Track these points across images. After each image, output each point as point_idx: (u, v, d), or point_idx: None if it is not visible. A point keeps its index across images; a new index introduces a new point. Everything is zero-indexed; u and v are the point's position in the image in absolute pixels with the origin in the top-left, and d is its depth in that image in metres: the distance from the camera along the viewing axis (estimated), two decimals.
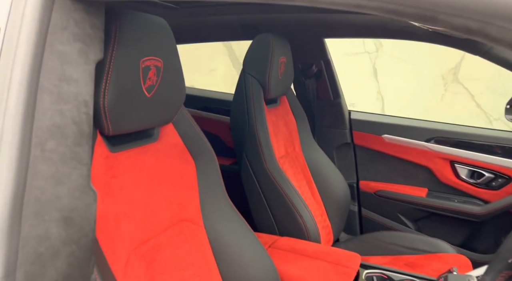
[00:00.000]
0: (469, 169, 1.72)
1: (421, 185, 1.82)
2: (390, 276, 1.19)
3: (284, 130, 1.64)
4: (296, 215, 1.36)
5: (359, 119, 1.91)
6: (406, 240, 1.61)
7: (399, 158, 1.84)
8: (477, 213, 1.67)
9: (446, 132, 1.74)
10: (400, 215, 1.85)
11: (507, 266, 0.70)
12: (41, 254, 0.45)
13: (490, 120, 2.99)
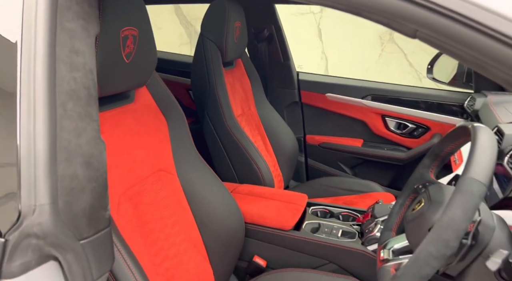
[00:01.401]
0: (396, 121, 2.02)
1: (357, 137, 2.11)
2: (331, 210, 1.45)
3: (240, 90, 1.81)
4: (254, 165, 1.57)
5: (306, 79, 2.12)
6: (344, 183, 1.89)
7: (340, 114, 2.09)
8: (401, 158, 1.99)
9: (379, 90, 2.01)
10: (340, 163, 2.14)
11: (414, 190, 0.95)
12: (72, 188, 0.60)
13: (420, 77, 3.33)
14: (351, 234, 1.27)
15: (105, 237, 0.64)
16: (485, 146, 0.65)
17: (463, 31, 0.43)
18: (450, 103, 1.92)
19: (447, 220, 0.61)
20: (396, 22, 0.50)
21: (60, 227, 0.56)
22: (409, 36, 0.50)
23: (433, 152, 0.92)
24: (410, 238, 0.79)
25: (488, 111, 1.55)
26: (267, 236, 1.29)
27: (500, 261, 0.63)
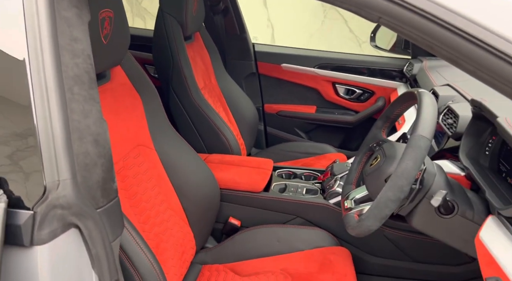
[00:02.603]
0: (345, 87, 2.20)
1: (311, 104, 2.26)
2: (294, 172, 1.61)
3: (201, 64, 1.86)
4: (221, 135, 1.67)
5: (262, 51, 2.21)
6: (301, 147, 2.05)
7: (295, 83, 2.23)
8: (350, 121, 2.19)
9: (329, 59, 2.16)
10: (296, 129, 2.30)
11: (369, 149, 1.12)
12: (87, 164, 0.67)
13: (359, 42, 3.51)
14: (314, 191, 1.44)
15: (116, 205, 0.72)
16: (429, 108, 0.81)
17: (416, 18, 0.55)
18: (391, 68, 2.12)
19: (401, 170, 0.77)
20: (363, 10, 0.62)
21: (81, 198, 0.64)
22: (373, 21, 0.61)
23: (384, 115, 1.07)
24: (369, 188, 0.95)
25: (424, 75, 1.76)
26: (241, 199, 1.42)
27: (441, 199, 0.81)
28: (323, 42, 3.48)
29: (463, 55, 0.52)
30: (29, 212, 0.60)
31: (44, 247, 0.61)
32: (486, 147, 1.01)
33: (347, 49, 2.26)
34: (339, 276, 1.16)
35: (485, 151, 1.01)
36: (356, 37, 3.53)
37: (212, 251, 1.36)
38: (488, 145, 1.01)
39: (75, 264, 0.67)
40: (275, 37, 3.64)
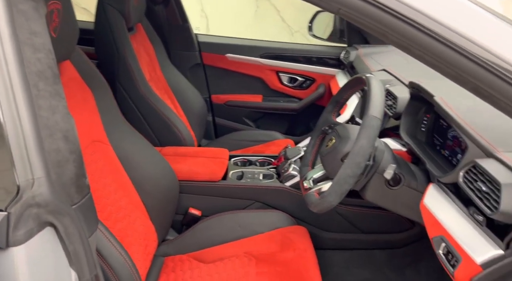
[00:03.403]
0: (288, 76, 2.28)
1: (257, 93, 2.32)
2: (249, 159, 1.66)
3: (145, 55, 1.82)
4: (173, 127, 1.66)
5: (206, 41, 2.21)
6: (250, 136, 2.11)
7: (240, 73, 2.27)
8: (295, 108, 2.28)
9: (273, 49, 2.23)
10: (244, 118, 2.34)
11: (322, 132, 1.20)
12: (59, 161, 0.65)
13: (292, 32, 3.59)
14: (270, 176, 1.50)
15: (90, 201, 0.72)
16: (377, 91, 0.90)
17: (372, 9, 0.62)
18: (329, 56, 2.25)
19: (358, 148, 0.85)
20: (323, 2, 0.67)
21: (57, 196, 0.63)
22: (334, 12, 0.67)
23: (334, 100, 1.16)
24: (327, 167, 1.03)
25: (360, 62, 1.89)
26: (200, 189, 1.44)
27: (393, 172, 0.91)
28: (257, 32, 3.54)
29: (412, 41, 0.59)
30: (2, 214, 0.58)
31: (20, 248, 0.60)
32: (421, 124, 1.14)
33: (280, 39, 2.34)
34: (300, 252, 1.24)
35: (421, 128, 1.14)
36: (288, 27, 3.61)
37: (174, 243, 1.37)
38: (423, 122, 1.13)
39: (53, 263, 0.66)
40: (210, 28, 3.62)
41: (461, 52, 0.56)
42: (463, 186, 0.79)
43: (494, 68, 0.56)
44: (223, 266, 1.22)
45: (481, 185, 0.73)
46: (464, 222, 0.80)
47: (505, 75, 0.55)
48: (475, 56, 0.56)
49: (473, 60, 0.56)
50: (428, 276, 1.45)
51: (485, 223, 0.75)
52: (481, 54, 0.56)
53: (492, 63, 0.56)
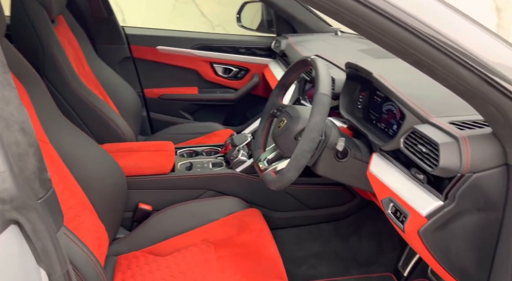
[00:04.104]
0: (223, 67, 2.30)
1: (193, 85, 2.31)
2: (195, 150, 1.65)
3: (70, 49, 1.70)
4: (111, 123, 1.59)
5: (134, 34, 2.13)
6: (189, 128, 2.09)
7: (173, 65, 2.23)
8: (232, 98, 2.31)
9: (205, 40, 2.22)
10: (181, 111, 2.31)
11: (270, 115, 1.24)
12: (20, 154, 0.61)
13: (213, 26, 3.59)
14: (219, 164, 1.52)
15: (54, 195, 0.68)
16: (324, 70, 0.96)
17: None
18: (260, 46, 2.31)
19: (312, 124, 0.91)
20: None
21: (22, 190, 0.59)
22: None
23: (280, 84, 1.21)
24: (281, 147, 1.08)
25: (292, 50, 1.98)
26: (149, 183, 1.40)
27: (344, 144, 0.99)
28: (177, 27, 3.48)
29: (363, 19, 0.66)
30: None
31: None
32: (358, 102, 1.24)
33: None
34: (257, 232, 1.28)
35: (357, 105, 1.24)
36: (209, 21, 3.61)
37: (125, 240, 1.32)
38: (359, 100, 1.24)
39: (19, 263, 0.61)
40: (126, 21, 3.47)
41: (407, 28, 0.64)
42: (404, 150, 0.89)
43: (434, 41, 0.64)
44: (181, 256, 1.22)
45: (421, 147, 0.84)
46: (408, 182, 0.90)
47: (443, 48, 0.64)
48: (419, 31, 0.64)
49: (416, 35, 0.64)
50: (368, 241, 1.60)
51: (426, 181, 0.86)
52: (423, 29, 0.64)
53: (433, 37, 0.64)
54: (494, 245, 0.81)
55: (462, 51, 0.65)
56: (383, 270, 1.55)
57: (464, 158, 0.75)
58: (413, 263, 1.50)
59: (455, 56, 0.64)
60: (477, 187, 0.77)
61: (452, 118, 0.84)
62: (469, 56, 0.65)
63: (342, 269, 1.53)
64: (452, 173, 0.77)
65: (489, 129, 0.77)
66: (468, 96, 0.71)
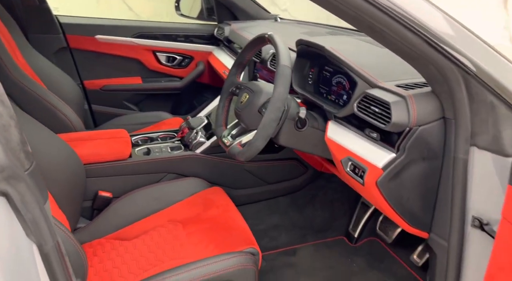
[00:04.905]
0: (166, 55, 2.29)
1: (136, 75, 2.26)
2: (150, 137, 1.64)
3: (3, 39, 1.58)
4: (58, 113, 1.52)
5: (70, 22, 2.03)
6: (136, 119, 2.06)
7: (114, 55, 2.16)
8: (178, 86, 2.31)
9: (146, 28, 2.19)
10: (125, 102, 2.26)
11: (230, 93, 1.28)
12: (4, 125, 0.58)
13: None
14: (177, 147, 1.53)
15: (37, 168, 0.67)
16: (282, 44, 1.04)
17: None
18: (203, 34, 2.33)
19: (277, 94, 0.98)
20: None
21: (12, 160, 0.58)
22: None
23: (236, 62, 1.26)
24: (245, 121, 1.14)
25: (236, 35, 2.04)
26: (108, 170, 1.38)
27: (305, 112, 1.07)
28: None
29: None
30: None
31: None
32: (308, 78, 1.34)
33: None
34: (223, 207, 1.33)
35: (308, 81, 1.34)
36: (136, 15, 3.52)
37: (87, 229, 1.29)
38: (310, 76, 1.34)
39: (9, 237, 0.60)
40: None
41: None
42: (358, 114, 1.00)
43: (386, 9, 0.74)
44: (149, 238, 1.23)
45: (374, 108, 0.95)
46: (363, 142, 1.01)
47: (394, 14, 0.75)
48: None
49: (370, 2, 0.74)
50: (322, 209, 1.73)
51: (379, 138, 0.97)
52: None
53: (385, 5, 0.74)
54: (436, 189, 0.96)
55: (410, 18, 0.76)
56: (336, 234, 1.69)
57: (411, 113, 0.88)
58: (361, 225, 1.66)
59: (404, 22, 0.75)
60: (422, 139, 0.90)
61: (397, 82, 0.97)
62: (416, 22, 0.76)
63: (300, 237, 1.64)
64: (402, 128, 0.89)
65: (429, 89, 0.91)
66: (412, 58, 0.82)
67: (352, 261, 1.55)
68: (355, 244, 1.64)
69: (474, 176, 0.87)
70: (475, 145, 0.85)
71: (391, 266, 1.51)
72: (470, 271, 0.92)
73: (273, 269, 1.49)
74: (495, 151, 0.82)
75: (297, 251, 1.59)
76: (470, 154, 0.86)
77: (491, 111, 0.81)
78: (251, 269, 1.07)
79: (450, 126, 0.88)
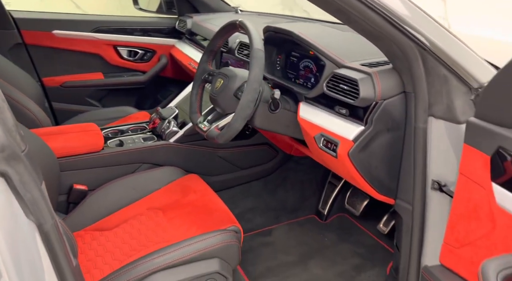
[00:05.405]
0: (127, 50, 2.26)
1: (97, 70, 2.22)
2: (120, 129, 1.64)
3: None
4: (24, 109, 1.47)
5: (24, 17, 1.95)
6: (100, 115, 2.02)
7: (73, 50, 2.11)
8: (141, 81, 2.30)
9: (106, 22, 2.15)
10: (87, 99, 2.21)
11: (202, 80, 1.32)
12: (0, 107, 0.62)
13: None
14: (150, 138, 1.55)
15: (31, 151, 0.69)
16: (253, 29, 1.09)
17: None
18: (164, 27, 2.33)
19: (253, 76, 1.04)
20: None
21: (11, 140, 0.60)
22: None
23: (207, 50, 1.30)
24: (221, 105, 1.18)
25: (200, 27, 2.07)
26: (82, 163, 1.37)
27: (280, 93, 1.13)
28: None
29: None
30: None
31: None
32: (276, 64, 1.41)
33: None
34: (201, 192, 1.37)
35: (276, 66, 1.41)
36: (85, 13, 3.43)
37: (64, 223, 1.28)
38: (277, 63, 1.41)
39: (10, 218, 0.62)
40: None
41: None
42: (328, 92, 1.08)
43: None
44: (129, 226, 1.24)
45: (343, 86, 1.03)
46: (333, 118, 1.10)
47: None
48: None
49: None
50: (293, 190, 1.81)
51: (348, 114, 1.06)
52: None
53: None
54: (400, 157, 1.06)
55: (374, 0, 0.84)
56: (308, 213, 1.78)
57: (376, 88, 0.97)
58: (330, 203, 1.77)
59: (370, 4, 0.84)
60: (386, 111, 0.99)
61: (361, 62, 1.06)
62: (380, 4, 0.85)
63: (274, 218, 1.72)
64: (369, 102, 0.98)
65: (390, 66, 1.01)
66: (376, 38, 0.92)
67: (324, 236, 1.65)
68: (325, 221, 1.74)
69: (432, 143, 0.97)
70: (432, 115, 0.96)
71: (360, 237, 1.63)
72: (432, 229, 1.03)
73: (251, 249, 1.55)
74: (449, 119, 0.93)
75: (272, 231, 1.66)
76: (428, 123, 0.97)
77: (445, 83, 0.92)
78: (235, 244, 1.13)
79: (410, 99, 0.98)
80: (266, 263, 1.50)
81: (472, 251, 0.83)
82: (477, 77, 0.91)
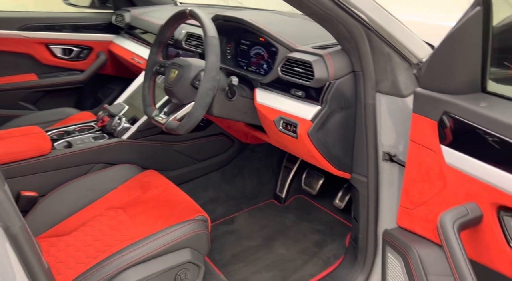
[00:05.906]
0: (61, 48, 2.13)
1: (29, 72, 2.06)
2: (65, 130, 1.55)
3: None
4: None
5: None
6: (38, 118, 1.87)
7: (0, 51, 1.93)
8: (80, 79, 2.17)
9: (34, 19, 2.00)
10: (21, 102, 2.05)
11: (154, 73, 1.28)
12: None
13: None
14: (100, 137, 1.48)
15: None
16: (205, 17, 1.09)
17: None
18: (99, 23, 2.23)
19: (210, 64, 1.04)
20: None
21: None
22: None
23: (157, 41, 1.28)
24: (178, 96, 1.17)
25: (139, 20, 2.00)
26: (29, 168, 1.28)
27: (237, 79, 1.15)
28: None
29: None
30: None
31: None
32: (226, 53, 1.43)
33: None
34: (162, 186, 1.35)
35: (227, 55, 1.42)
36: (24, 6, 3.18)
37: None
38: (227, 51, 1.42)
39: None
40: None
41: None
42: (283, 76, 1.12)
43: None
44: (90, 228, 1.19)
45: (298, 69, 1.08)
46: (290, 101, 1.14)
47: None
48: None
49: None
50: (250, 178, 1.85)
51: (304, 96, 1.11)
52: None
53: None
54: (353, 133, 1.13)
55: None
56: (266, 198, 1.83)
57: (329, 69, 1.03)
58: (287, 186, 1.83)
59: None
60: (339, 91, 1.06)
61: (312, 45, 1.11)
62: None
63: (235, 207, 1.74)
64: (323, 82, 1.04)
65: (339, 47, 1.07)
66: (325, 20, 0.97)
67: (284, 218, 1.70)
68: (284, 203, 1.80)
69: (381, 118, 1.06)
70: (379, 91, 1.04)
71: (318, 215, 1.71)
72: (386, 196, 1.12)
73: (216, 238, 1.56)
74: (395, 94, 1.02)
75: (234, 219, 1.68)
76: (376, 99, 1.05)
77: (389, 61, 1.00)
78: (204, 233, 1.13)
79: (359, 78, 1.05)
80: (232, 250, 1.52)
81: (426, 210, 0.92)
82: (416, 54, 1.00)
